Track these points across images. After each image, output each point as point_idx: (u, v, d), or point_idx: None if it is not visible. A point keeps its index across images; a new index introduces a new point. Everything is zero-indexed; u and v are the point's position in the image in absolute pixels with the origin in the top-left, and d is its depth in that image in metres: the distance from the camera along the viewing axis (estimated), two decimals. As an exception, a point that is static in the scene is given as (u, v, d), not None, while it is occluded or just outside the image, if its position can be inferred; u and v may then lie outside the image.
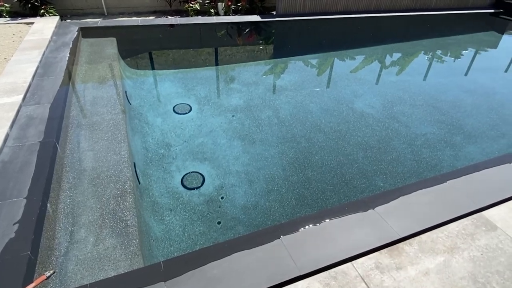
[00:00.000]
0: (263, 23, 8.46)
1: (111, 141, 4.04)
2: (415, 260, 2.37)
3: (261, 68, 7.39)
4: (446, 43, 9.03)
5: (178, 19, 7.78)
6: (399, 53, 8.49)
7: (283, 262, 2.30)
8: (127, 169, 3.67)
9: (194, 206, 3.98)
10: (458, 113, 5.67)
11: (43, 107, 4.01)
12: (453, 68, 7.70)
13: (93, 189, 3.41)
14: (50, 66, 5.04)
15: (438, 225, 2.66)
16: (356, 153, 4.68)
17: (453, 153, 4.74)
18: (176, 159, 4.70)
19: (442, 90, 6.47)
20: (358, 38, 9.16)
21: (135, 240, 2.99)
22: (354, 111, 5.64)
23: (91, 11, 8.17)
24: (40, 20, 7.01)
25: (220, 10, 8.22)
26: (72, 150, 3.82)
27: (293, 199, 3.97)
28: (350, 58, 8.05)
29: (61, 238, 2.92)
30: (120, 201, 3.30)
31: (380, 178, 4.32)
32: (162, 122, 5.47)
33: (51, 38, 6.05)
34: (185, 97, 6.10)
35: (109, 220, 3.12)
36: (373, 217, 2.71)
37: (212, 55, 7.79)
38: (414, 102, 5.97)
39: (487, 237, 2.58)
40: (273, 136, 5.03)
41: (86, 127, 4.23)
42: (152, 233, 3.75)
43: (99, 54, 6.28)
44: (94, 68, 5.75)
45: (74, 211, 3.16)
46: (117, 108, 4.65)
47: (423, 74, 7.25)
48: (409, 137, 5.05)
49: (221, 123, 5.34)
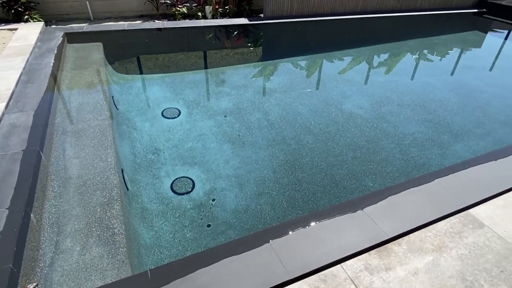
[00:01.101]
0: (251, 26, 8.47)
1: (98, 147, 3.97)
2: (404, 260, 2.38)
3: (250, 70, 7.38)
4: (432, 43, 9.16)
5: (165, 23, 7.73)
6: (386, 54, 8.58)
7: (273, 266, 2.28)
8: (114, 176, 3.60)
9: (185, 211, 3.94)
10: (445, 112, 5.74)
11: (27, 114, 3.92)
12: (439, 68, 7.81)
13: (79, 197, 3.34)
14: (34, 72, 4.95)
15: (426, 224, 2.68)
16: (345, 154, 4.70)
17: (440, 152, 4.79)
18: (165, 164, 4.65)
19: (428, 90, 6.55)
20: (345, 40, 9.23)
21: (123, 248, 2.93)
22: (343, 112, 5.67)
23: (76, 16, 8.06)
24: (24, 26, 6.88)
25: (208, 14, 8.20)
26: (57, 158, 3.75)
27: (284, 201, 3.96)
28: (339, 59, 8.10)
29: (46, 249, 2.85)
30: (107, 208, 3.24)
31: (370, 179, 4.34)
32: (151, 127, 5.41)
33: (36, 44, 5.95)
34: (173, 101, 6.05)
35: (95, 229, 3.05)
36: (362, 218, 2.71)
37: (200, 58, 7.76)
38: (402, 102, 6.03)
39: (474, 235, 2.60)
40: (263, 138, 5.02)
41: (72, 134, 4.15)
42: (141, 240, 3.69)
43: (85, 60, 6.19)
44: (79, 74, 5.66)
45: (60, 221, 3.09)
46: (103, 114, 4.58)
47: (410, 74, 7.34)
48: (397, 136, 5.10)
49: (211, 126, 5.31)
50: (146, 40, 7.71)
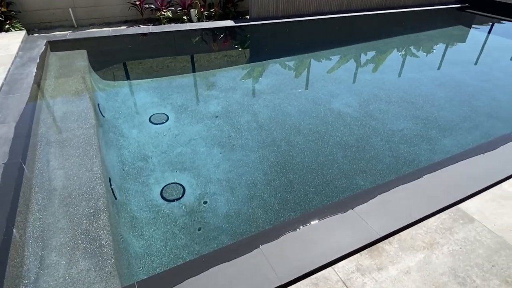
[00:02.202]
0: (237, 28, 8.43)
1: (83, 157, 3.88)
2: (396, 259, 2.35)
3: (238, 73, 7.34)
4: (417, 39, 9.24)
5: (150, 28, 7.65)
6: (373, 51, 8.63)
7: (263, 272, 2.24)
8: (100, 186, 3.52)
9: (175, 218, 3.87)
10: (432, 107, 5.77)
11: (8, 126, 3.81)
12: (425, 63, 7.88)
13: (64, 209, 3.25)
14: (15, 83, 4.83)
15: (417, 221, 2.66)
16: (335, 153, 4.69)
17: (429, 147, 4.81)
18: (154, 171, 4.57)
19: (415, 85, 6.59)
20: (332, 39, 9.26)
21: (111, 260, 2.85)
22: (332, 111, 5.66)
23: (59, 23, 7.93)
24: (5, 35, 6.73)
25: (193, 17, 8.13)
26: (41, 170, 3.65)
27: (276, 203, 3.93)
28: (326, 58, 8.12)
29: (30, 264, 2.75)
30: (93, 219, 3.16)
31: (361, 177, 4.33)
32: (138, 134, 5.32)
33: (17, 54, 5.82)
34: (161, 107, 5.97)
35: (82, 241, 2.97)
36: (352, 217, 2.69)
37: (187, 62, 7.69)
38: (389, 99, 6.06)
39: (465, 230, 2.59)
40: (253, 141, 4.98)
41: (56, 144, 4.05)
42: (131, 250, 3.61)
43: (69, 68, 6.07)
44: (63, 82, 5.55)
45: (44, 234, 3.00)
46: (88, 122, 4.49)
47: (397, 71, 7.38)
48: (386, 134, 5.11)
49: (200, 131, 5.25)
50: (131, 45, 7.61)
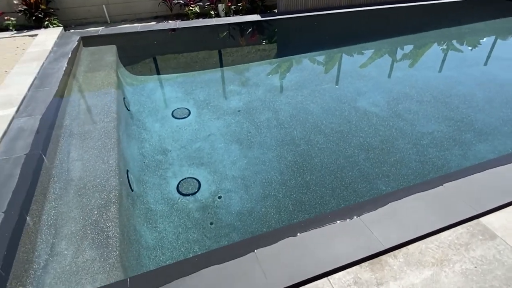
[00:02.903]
0: (264, 22, 8.30)
1: (101, 149, 4.02)
2: (399, 275, 2.17)
3: (263, 68, 7.24)
4: (459, 33, 8.54)
5: (178, 23, 7.76)
6: (408, 46, 8.10)
7: (254, 278, 2.16)
8: (113, 178, 3.63)
9: (189, 212, 3.91)
10: (469, 109, 5.30)
11: (34, 119, 4.05)
12: (465, 60, 7.26)
13: (78, 199, 3.39)
14: (47, 77, 5.12)
15: (429, 234, 2.44)
16: (357, 155, 4.47)
17: (461, 152, 4.42)
18: (172, 165, 4.65)
19: (452, 84, 6.09)
20: (363, 33, 8.82)
21: (115, 251, 2.93)
22: (357, 110, 5.40)
23: (94, 20, 8.30)
24: (44, 31, 7.17)
25: (221, 12, 8.13)
26: (61, 161, 3.83)
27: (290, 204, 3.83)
28: (356, 54, 7.76)
29: (41, 251, 2.90)
30: (103, 211, 3.26)
31: (382, 182, 4.09)
32: (160, 128, 5.44)
33: (52, 49, 6.17)
34: (184, 102, 6.06)
35: (90, 231, 3.08)
36: (357, 226, 2.52)
37: (212, 57, 7.72)
38: (421, 98, 5.66)
39: (483, 247, 2.33)
40: (272, 139, 4.88)
41: (78, 136, 4.23)
42: (143, 242, 3.70)
43: (99, 62, 6.34)
44: (91, 77, 5.80)
45: (57, 223, 3.15)
46: (110, 116, 4.65)
47: (433, 68, 6.86)
48: (414, 136, 4.77)
49: (219, 126, 5.25)
50: (158, 41, 7.79)
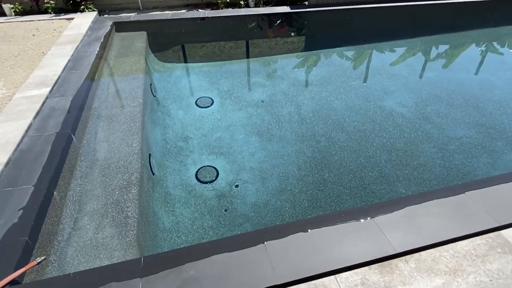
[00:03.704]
0: (294, 14, 8.19)
1: (126, 133, 4.18)
2: (409, 280, 2.14)
3: (289, 61, 7.18)
4: (499, 34, 8.06)
5: (207, 12, 7.81)
6: (443, 46, 7.74)
7: (262, 268, 2.21)
8: (136, 161, 3.77)
9: (205, 200, 4.01)
10: (502, 115, 5.04)
11: (66, 99, 4.25)
12: (504, 63, 6.86)
13: (102, 179, 3.56)
14: (80, 60, 5.34)
15: (444, 242, 2.38)
16: (379, 156, 4.39)
17: (490, 161, 4.23)
18: (193, 152, 4.76)
19: (487, 88, 5.80)
20: (396, 29, 8.51)
21: (133, 231, 3.06)
22: (383, 110, 5.27)
23: (128, 5, 8.51)
24: (80, 15, 7.45)
25: (250, 2, 8.10)
26: (88, 141, 4.02)
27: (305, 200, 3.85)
28: (386, 51, 7.52)
29: (66, 224, 3.09)
30: (124, 192, 3.41)
31: (403, 185, 4.00)
32: (184, 115, 5.56)
33: (86, 33, 6.40)
34: (208, 91, 6.14)
35: (111, 210, 3.23)
36: (370, 227, 2.50)
37: (240, 47, 7.73)
38: (452, 101, 5.46)
39: (501, 261, 2.24)
40: (293, 133, 4.88)
41: (105, 118, 4.41)
42: (160, 224, 3.85)
43: (129, 48, 6.52)
44: (121, 61, 5.99)
45: (82, 199, 3.32)
46: (136, 100, 4.80)
47: (467, 70, 6.55)
48: (441, 140, 4.61)
49: (241, 117, 5.29)
50: (188, 29, 7.88)
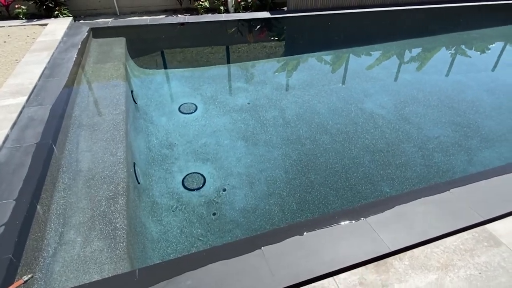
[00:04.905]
0: (274, 20, 8.29)
1: (109, 141, 4.06)
2: (404, 277, 2.20)
3: (270, 66, 7.24)
4: (469, 38, 8.50)
5: (187, 18, 7.76)
6: (417, 49, 8.07)
7: (261, 274, 2.20)
8: (121, 170, 3.66)
9: (194, 207, 3.95)
10: (476, 114, 5.30)
11: (44, 108, 4.08)
12: (474, 65, 7.23)
13: (86, 190, 3.43)
14: (57, 67, 5.15)
15: (435, 239, 2.46)
16: (362, 157, 4.49)
17: (467, 158, 4.43)
18: (178, 159, 4.69)
19: (460, 89, 6.08)
20: (373, 34, 8.79)
21: (122, 243, 2.97)
22: (364, 112, 5.41)
23: (104, 11, 8.31)
24: (54, 21, 7.19)
25: (230, 7, 8.12)
26: (70, 151, 3.87)
27: (294, 203, 3.87)
28: (364, 55, 7.73)
29: (51, 239, 2.95)
30: (111, 202, 3.30)
31: (387, 184, 4.11)
32: (167, 122, 5.47)
33: (62, 39, 6.19)
34: (191, 97, 6.08)
35: (98, 222, 3.12)
36: (363, 228, 2.55)
37: (220, 53, 7.72)
38: (428, 102, 5.66)
39: (488, 254, 2.35)
40: (278, 137, 4.91)
41: (87, 127, 4.27)
42: (148, 234, 3.75)
43: (107, 54, 6.36)
44: (100, 68, 5.83)
45: (66, 212, 3.19)
46: (118, 108, 4.68)
47: (442, 72, 6.85)
48: (420, 140, 4.78)
49: (226, 123, 5.27)
50: (167, 35, 7.78)
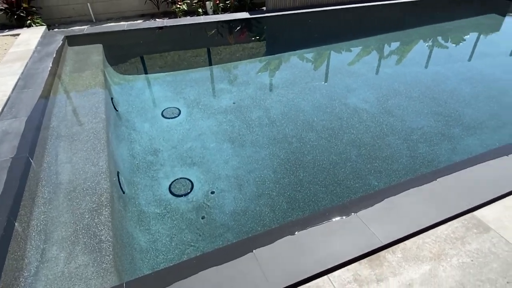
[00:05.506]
0: (253, 20, 8.26)
1: (90, 151, 3.92)
2: (398, 270, 2.18)
3: (252, 66, 7.20)
4: (443, 30, 8.69)
5: (166, 21, 7.63)
6: (396, 43, 8.20)
7: (254, 278, 2.14)
8: (104, 181, 3.54)
9: (182, 213, 3.85)
10: (456, 103, 5.40)
11: (19, 121, 3.91)
12: (451, 56, 7.39)
13: (68, 203, 3.29)
14: (31, 77, 4.95)
15: (425, 229, 2.46)
16: (349, 152, 4.49)
17: (451, 147, 4.50)
18: (164, 166, 4.58)
19: (440, 80, 6.19)
20: (352, 30, 8.88)
21: (109, 256, 2.86)
22: (348, 107, 5.43)
23: (79, 18, 8.09)
24: (26, 31, 6.94)
25: (209, 9, 8.04)
26: (49, 163, 3.71)
27: (284, 202, 3.82)
28: (345, 51, 7.80)
29: (32, 258, 2.81)
30: (95, 215, 3.18)
31: (375, 177, 4.12)
32: (150, 128, 5.34)
33: (36, 49, 5.97)
34: (174, 101, 5.97)
35: (82, 236, 2.99)
36: (354, 223, 2.52)
37: (201, 55, 7.63)
38: (410, 94, 5.73)
39: (478, 241, 2.37)
40: (264, 137, 4.86)
41: (66, 138, 4.11)
42: (136, 245, 3.63)
43: (84, 62, 6.17)
44: (77, 77, 5.65)
45: (47, 228, 3.05)
46: (98, 116, 4.53)
47: (421, 64, 6.96)
48: (404, 131, 4.83)
49: (211, 125, 5.19)
50: (146, 39, 7.64)
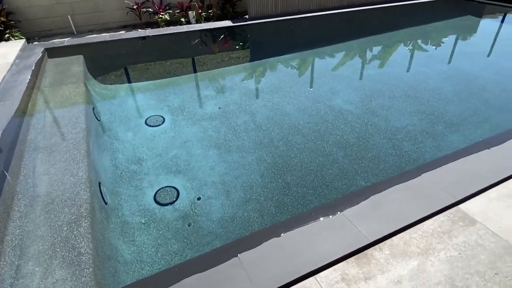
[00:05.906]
0: (236, 28, 8.29)
1: (69, 162, 3.79)
2: (386, 267, 2.13)
3: (236, 73, 7.19)
4: (423, 32, 8.89)
5: (148, 31, 7.59)
6: (377, 46, 8.33)
7: (240, 284, 2.06)
8: (84, 191, 3.41)
9: (168, 222, 3.74)
10: (438, 102, 5.48)
11: (-6, 134, 3.77)
12: (431, 56, 7.55)
13: (45, 216, 3.15)
14: (8, 90, 4.82)
15: (412, 224, 2.43)
16: (335, 153, 4.47)
17: (435, 144, 4.53)
18: (148, 175, 4.47)
19: (421, 79, 6.29)
20: (334, 35, 9.00)
21: (88, 269, 2.72)
22: (333, 109, 5.44)
23: (60, 31, 7.98)
24: (5, 44, 6.80)
25: (192, 19, 8.05)
26: (25, 176, 3.57)
27: (272, 207, 3.75)
28: (327, 55, 7.88)
29: (5, 274, 2.66)
30: (74, 227, 3.05)
31: (362, 177, 4.10)
32: (134, 137, 5.24)
33: (14, 62, 5.84)
34: (157, 109, 5.89)
35: (60, 249, 2.85)
36: (340, 221, 2.47)
37: (185, 64, 7.59)
38: (393, 94, 5.79)
39: (465, 234, 2.34)
40: (250, 142, 4.81)
41: (44, 150, 3.98)
42: (119, 257, 3.49)
43: (65, 73, 6.05)
44: (57, 88, 5.52)
45: (23, 243, 2.90)
46: (78, 126, 4.41)
47: (403, 65, 7.08)
48: (389, 131, 4.85)
49: (196, 132, 5.12)
50: (127, 50, 7.57)
